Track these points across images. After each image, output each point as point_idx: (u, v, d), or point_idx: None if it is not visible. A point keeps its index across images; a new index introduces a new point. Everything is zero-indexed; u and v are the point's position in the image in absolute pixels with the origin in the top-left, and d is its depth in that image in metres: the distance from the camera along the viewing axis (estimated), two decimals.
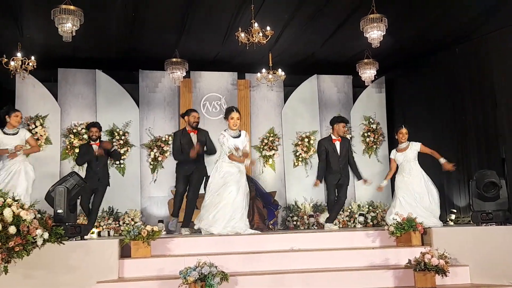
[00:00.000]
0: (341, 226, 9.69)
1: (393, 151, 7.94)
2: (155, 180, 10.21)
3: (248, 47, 7.57)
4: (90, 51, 9.53)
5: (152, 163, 10.22)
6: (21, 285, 4.88)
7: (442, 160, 7.65)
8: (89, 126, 8.16)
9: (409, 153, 7.67)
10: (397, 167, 7.80)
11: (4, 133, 7.17)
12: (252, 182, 9.22)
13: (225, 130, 7.07)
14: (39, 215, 5.00)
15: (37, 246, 4.84)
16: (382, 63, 9.76)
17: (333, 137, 7.86)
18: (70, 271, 5.05)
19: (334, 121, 7.98)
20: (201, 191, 7.62)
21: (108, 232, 9.31)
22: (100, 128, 8.09)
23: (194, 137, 7.59)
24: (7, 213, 4.68)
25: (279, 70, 9.42)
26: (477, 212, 6.41)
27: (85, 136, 9.84)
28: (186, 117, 7.68)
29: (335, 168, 7.71)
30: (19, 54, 8.43)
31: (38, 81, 9.82)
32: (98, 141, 7.98)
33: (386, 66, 10.18)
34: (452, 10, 7.97)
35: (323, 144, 7.85)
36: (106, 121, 10.01)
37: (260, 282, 5.26)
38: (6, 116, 7.21)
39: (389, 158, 8.06)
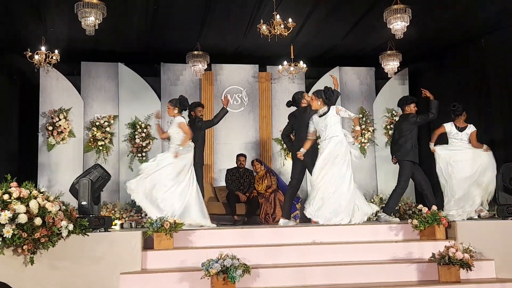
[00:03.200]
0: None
1: None
2: None
3: (269, 40, 7.53)
4: (113, 44, 9.60)
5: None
6: (47, 276, 4.96)
7: None
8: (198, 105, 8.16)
9: None
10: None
11: None
12: (274, 175, 9.22)
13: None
14: (64, 207, 5.07)
15: (62, 237, 4.92)
16: (405, 55, 9.63)
17: None
18: (94, 262, 5.11)
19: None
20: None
21: (131, 224, 9.40)
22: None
23: None
24: (33, 205, 4.75)
25: (301, 62, 9.38)
26: (503, 206, 6.29)
27: (108, 129, 9.95)
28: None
29: None
30: (43, 48, 8.53)
31: (61, 75, 9.93)
32: None
33: (409, 58, 10.04)
34: (478, 0, 7.81)
35: None
36: (128, 114, 10.12)
37: (282, 274, 5.26)
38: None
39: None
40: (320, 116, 6.87)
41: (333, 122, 6.77)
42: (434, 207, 6.02)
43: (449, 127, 7.71)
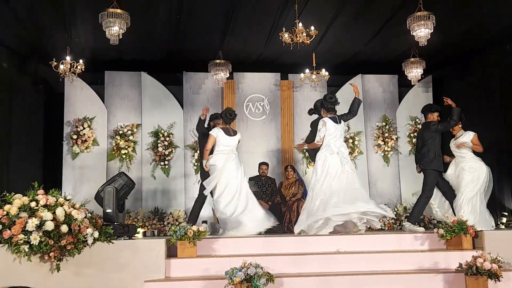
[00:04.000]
0: (386, 228, 9.52)
1: None
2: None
3: (291, 48, 7.53)
4: (136, 53, 9.71)
5: (196, 164, 10.29)
6: (72, 283, 5.00)
7: None
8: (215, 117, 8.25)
9: None
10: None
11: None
12: (303, 185, 9.17)
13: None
14: (89, 215, 5.11)
15: (88, 244, 4.96)
16: (429, 62, 9.53)
17: None
18: (119, 269, 5.14)
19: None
20: None
21: (153, 232, 9.44)
22: None
23: None
24: (60, 212, 4.80)
25: (323, 70, 9.34)
26: None
27: (131, 138, 10.04)
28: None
29: None
30: (68, 58, 8.65)
31: (85, 84, 10.05)
32: None
33: (433, 65, 9.94)
34: (502, 6, 7.71)
35: None
36: (151, 122, 10.19)
37: (306, 284, 5.22)
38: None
39: None
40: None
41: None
42: (461, 216, 5.92)
43: None
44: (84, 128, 9.84)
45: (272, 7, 7.80)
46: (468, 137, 7.63)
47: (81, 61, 8.71)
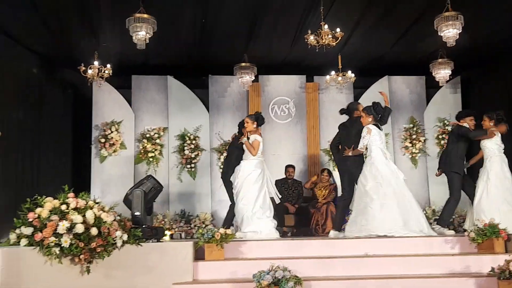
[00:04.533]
0: None
1: None
2: (221, 185, 10.30)
3: (317, 50, 7.49)
4: (162, 58, 9.79)
5: (222, 166, 10.32)
6: (102, 285, 5.04)
7: None
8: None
9: None
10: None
11: None
12: (335, 190, 9.07)
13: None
14: (118, 217, 5.17)
15: (117, 247, 5.01)
16: (457, 62, 9.38)
17: None
18: (147, 272, 5.16)
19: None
20: None
21: (180, 234, 9.49)
22: None
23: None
24: (89, 215, 4.87)
25: (349, 72, 9.28)
26: None
27: (158, 141, 10.13)
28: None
29: None
30: (96, 63, 8.78)
31: (113, 88, 10.19)
32: None
33: (461, 65, 9.77)
34: None
35: None
36: (178, 126, 10.27)
37: (334, 287, 5.17)
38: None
39: None
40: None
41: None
42: (493, 219, 5.80)
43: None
44: (112, 132, 9.97)
45: (297, 9, 7.79)
46: None
47: (108, 65, 8.83)
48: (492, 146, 7.20)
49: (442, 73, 9.32)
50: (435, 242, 5.98)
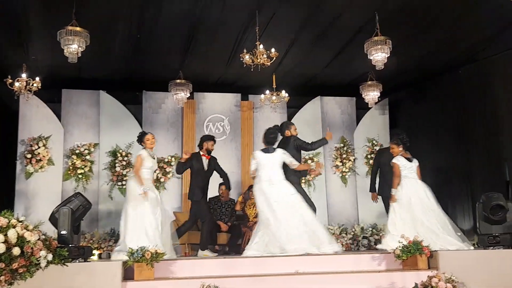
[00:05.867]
0: (344, 249, 9.61)
1: None
2: None
3: (252, 69, 7.59)
4: (95, 72, 9.58)
5: (154, 184, 10.14)
6: None
7: None
8: (207, 138, 8.28)
9: None
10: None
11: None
12: None
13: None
14: (43, 236, 4.96)
15: (41, 267, 4.80)
16: (385, 85, 9.76)
17: None
18: None
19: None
20: None
21: (109, 254, 9.20)
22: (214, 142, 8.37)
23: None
24: (12, 234, 4.64)
25: (283, 91, 9.44)
26: (484, 235, 6.35)
27: (88, 157, 9.84)
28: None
29: None
30: (24, 75, 8.45)
31: (42, 102, 9.83)
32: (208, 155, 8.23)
33: (389, 88, 10.20)
34: (457, 32, 8.03)
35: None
36: (109, 142, 10.03)
37: None
38: (142, 142, 7.27)
39: None
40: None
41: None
42: (416, 237, 6.03)
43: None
44: (39, 147, 9.60)
45: (233, 29, 7.88)
46: None
47: (37, 78, 8.51)
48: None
49: (371, 95, 9.66)
50: (363, 259, 6.15)
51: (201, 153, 8.24)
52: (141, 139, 7.26)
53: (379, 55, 7.38)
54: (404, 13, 7.42)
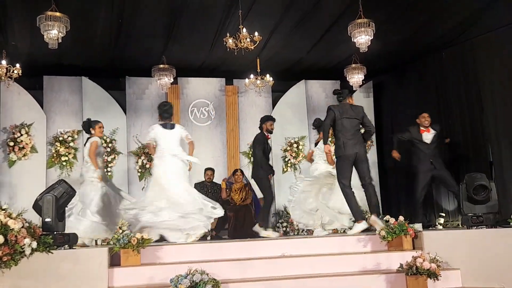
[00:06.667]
0: (331, 232, 9.67)
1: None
2: (143, 188, 10.10)
3: (236, 53, 7.55)
4: (76, 58, 9.45)
5: (140, 170, 10.12)
6: None
7: None
8: (266, 119, 8.14)
9: None
10: None
11: None
12: (251, 190, 9.10)
13: None
14: (27, 224, 4.92)
15: (25, 255, 4.77)
16: (369, 68, 9.80)
17: None
18: (59, 280, 4.95)
19: None
20: None
21: (96, 241, 9.16)
22: None
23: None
24: None
25: (267, 75, 9.42)
26: (467, 215, 6.42)
27: (72, 144, 9.76)
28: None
29: None
30: (3, 62, 8.32)
31: (23, 89, 9.71)
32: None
33: (374, 71, 10.23)
34: (439, 14, 8.04)
35: None
36: None
37: None
38: (91, 129, 7.43)
39: None
40: None
41: None
42: (401, 218, 6.08)
43: None
44: (21, 135, 9.49)
45: (216, 12, 7.80)
46: None
47: (17, 65, 8.40)
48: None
49: (356, 78, 9.67)
50: (349, 241, 6.19)
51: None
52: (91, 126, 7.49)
53: (362, 38, 7.37)
54: None
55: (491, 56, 8.45)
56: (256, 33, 7.40)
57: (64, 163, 9.71)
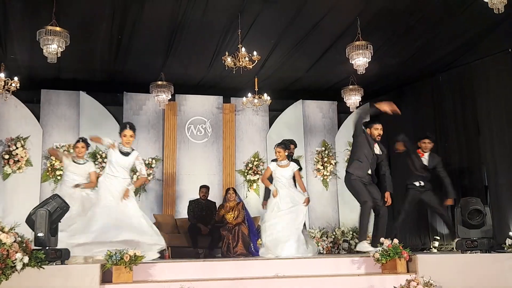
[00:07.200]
0: (324, 252, 9.63)
1: None
2: None
3: (234, 72, 7.58)
4: (75, 72, 9.48)
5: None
6: None
7: None
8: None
9: None
10: None
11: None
12: (244, 209, 9.01)
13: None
14: (19, 239, 4.87)
15: (16, 270, 4.71)
16: (367, 89, 9.84)
17: None
18: None
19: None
20: None
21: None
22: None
23: None
24: None
25: (265, 94, 9.45)
26: (462, 240, 6.40)
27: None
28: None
29: None
30: (2, 75, 8.33)
31: (20, 102, 9.70)
32: None
33: (371, 92, 10.27)
34: (436, 38, 8.11)
35: None
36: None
37: None
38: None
39: None
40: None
41: None
42: (396, 240, 6.06)
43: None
44: (17, 148, 9.46)
45: (216, 31, 7.85)
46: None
47: (16, 78, 8.40)
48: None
49: (353, 99, 9.72)
50: (343, 262, 6.15)
51: None
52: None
53: (360, 60, 7.43)
54: (385, 18, 7.48)
55: (488, 80, 8.52)
56: (255, 53, 7.45)
57: (59, 177, 9.64)
